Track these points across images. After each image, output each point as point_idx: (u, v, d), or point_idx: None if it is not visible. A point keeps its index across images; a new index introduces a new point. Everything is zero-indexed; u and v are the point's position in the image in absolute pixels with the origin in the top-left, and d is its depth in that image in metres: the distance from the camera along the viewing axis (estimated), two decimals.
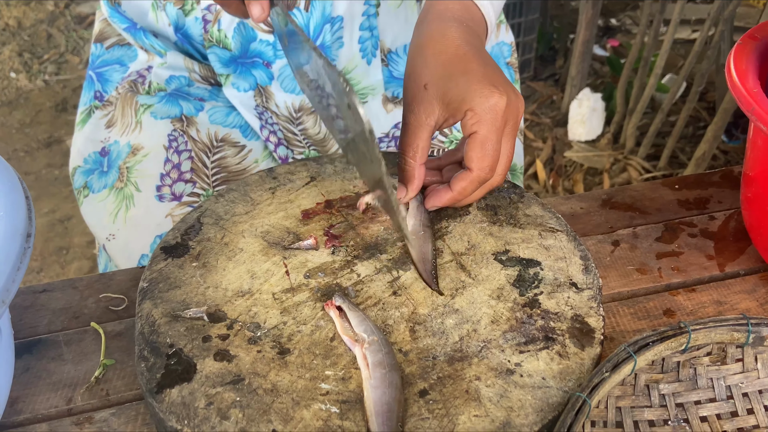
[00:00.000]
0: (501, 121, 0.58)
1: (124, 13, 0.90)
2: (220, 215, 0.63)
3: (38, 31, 2.79)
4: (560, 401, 0.47)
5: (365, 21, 0.84)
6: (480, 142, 0.58)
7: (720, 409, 0.52)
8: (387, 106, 0.88)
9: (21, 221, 0.49)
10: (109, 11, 0.91)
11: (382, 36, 0.87)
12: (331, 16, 0.83)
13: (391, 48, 0.88)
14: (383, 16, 0.85)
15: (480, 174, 0.59)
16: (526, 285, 0.56)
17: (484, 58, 0.62)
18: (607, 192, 0.77)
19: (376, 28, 0.85)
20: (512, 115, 0.60)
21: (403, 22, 0.87)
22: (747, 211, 0.68)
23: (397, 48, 0.88)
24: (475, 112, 0.58)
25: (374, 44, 0.86)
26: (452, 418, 0.46)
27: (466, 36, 0.63)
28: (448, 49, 0.61)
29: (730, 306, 0.63)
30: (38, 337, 0.62)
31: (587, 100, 2.09)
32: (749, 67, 0.63)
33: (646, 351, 0.49)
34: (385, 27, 0.86)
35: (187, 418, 0.46)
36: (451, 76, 0.59)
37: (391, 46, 0.88)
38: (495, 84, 0.59)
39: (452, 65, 0.60)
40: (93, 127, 0.91)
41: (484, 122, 0.58)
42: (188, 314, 0.53)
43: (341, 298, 0.54)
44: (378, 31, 0.86)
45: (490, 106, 0.58)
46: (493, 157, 0.59)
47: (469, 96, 0.58)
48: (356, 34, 0.84)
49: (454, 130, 0.88)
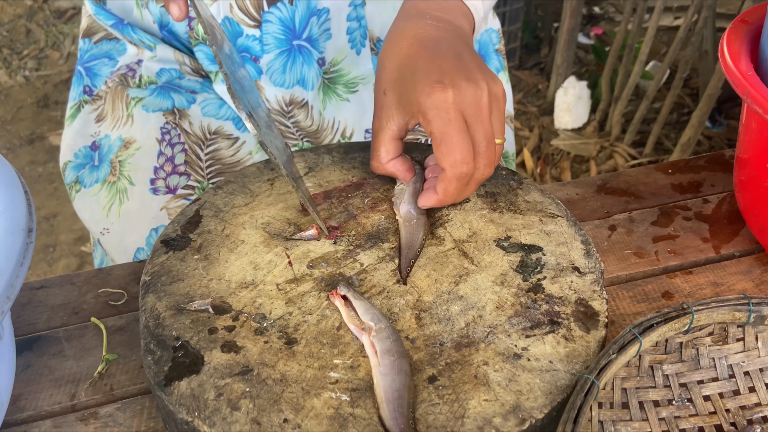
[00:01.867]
0: (453, 113, 0.56)
1: (109, 10, 0.89)
2: (219, 207, 0.63)
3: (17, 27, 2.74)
4: (568, 384, 0.47)
5: (352, 11, 0.84)
6: (438, 140, 0.56)
7: (722, 388, 0.53)
8: None
9: (22, 217, 0.48)
10: (94, 9, 0.90)
11: (370, 25, 0.86)
12: (317, 9, 0.82)
13: (380, 37, 0.88)
14: (370, 6, 0.85)
15: (453, 171, 0.57)
16: (529, 270, 0.56)
17: (437, 50, 0.60)
18: (602, 178, 0.78)
19: (364, 17, 0.85)
20: (469, 102, 0.57)
21: (391, 11, 0.86)
22: (740, 194, 0.69)
23: None
24: (422, 112, 0.57)
25: (363, 34, 0.86)
26: (462, 403, 0.46)
27: (423, 30, 0.62)
28: (401, 51, 0.61)
29: (727, 287, 0.64)
30: (38, 333, 0.61)
31: (573, 88, 2.10)
32: (742, 51, 0.63)
33: (650, 332, 0.49)
34: (373, 16, 0.86)
35: (197, 410, 0.46)
36: (403, 79, 0.59)
37: (380, 35, 0.88)
38: (440, 78, 0.57)
39: (403, 67, 0.60)
40: (83, 122, 0.90)
41: (433, 121, 0.56)
42: (193, 307, 0.53)
43: (346, 287, 0.54)
44: (366, 21, 0.85)
45: (433, 103, 0.56)
46: (460, 150, 0.56)
47: (416, 97, 0.57)
48: (344, 24, 0.84)
49: None
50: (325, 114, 0.87)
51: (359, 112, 0.87)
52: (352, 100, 0.87)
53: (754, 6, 0.70)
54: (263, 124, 0.59)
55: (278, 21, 0.81)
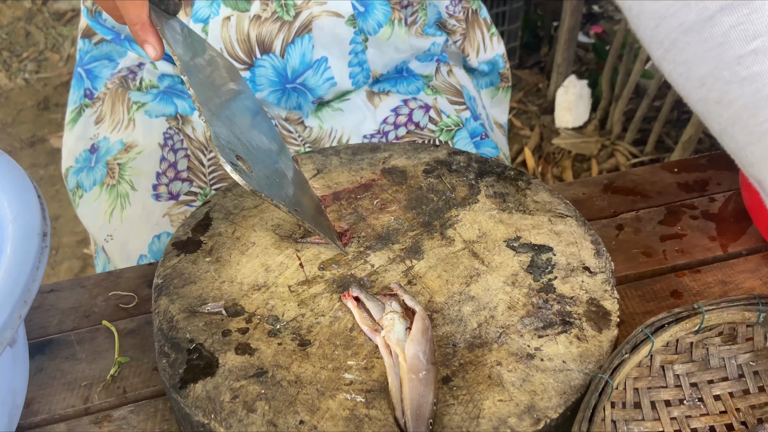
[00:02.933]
0: None
1: (104, 23, 0.89)
2: (229, 210, 0.63)
3: (16, 29, 2.74)
4: (582, 383, 0.47)
5: (353, 58, 0.83)
6: None
7: (732, 388, 0.53)
8: (373, 100, 0.86)
9: (36, 221, 0.48)
10: (90, 23, 0.89)
11: (372, 66, 0.85)
12: (312, 62, 0.81)
13: (382, 72, 0.87)
14: (372, 49, 0.84)
15: None
16: (540, 270, 0.56)
17: None
18: (608, 177, 0.78)
19: (366, 61, 0.84)
20: None
21: (393, 51, 0.85)
22: (747, 192, 0.70)
23: (389, 71, 0.87)
24: None
25: (365, 75, 0.84)
26: (477, 404, 0.46)
27: None
28: None
29: (735, 286, 0.64)
30: (49, 337, 0.61)
31: (573, 87, 2.10)
32: None
33: (662, 332, 0.50)
34: (375, 59, 0.85)
35: (213, 412, 0.46)
36: None
37: (382, 71, 0.86)
38: None
39: None
40: (83, 126, 0.90)
41: None
42: (206, 309, 0.53)
43: (358, 289, 0.54)
44: (368, 63, 0.84)
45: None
46: None
47: None
48: (346, 71, 0.83)
49: (444, 116, 0.87)
50: (324, 126, 0.87)
51: (355, 119, 0.86)
52: (346, 109, 0.86)
53: None
54: None
55: (271, 67, 0.80)
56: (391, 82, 0.88)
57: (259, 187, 0.54)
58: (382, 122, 0.85)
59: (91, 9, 0.89)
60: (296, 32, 0.79)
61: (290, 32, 0.79)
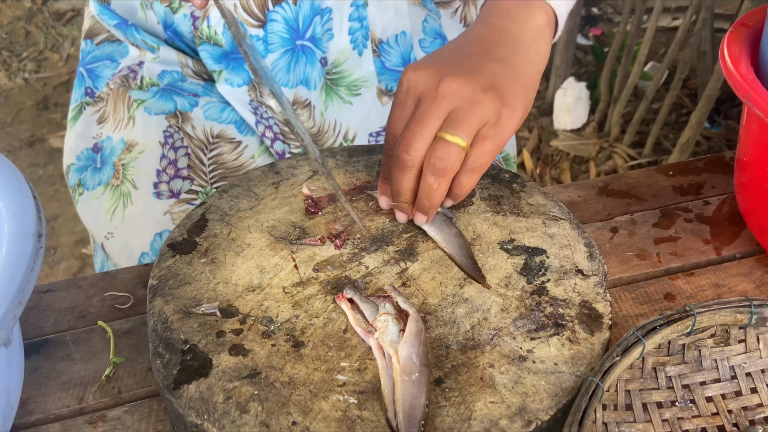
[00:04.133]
0: (403, 96, 0.57)
1: (113, 10, 0.90)
2: (225, 211, 0.63)
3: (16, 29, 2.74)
4: (573, 386, 0.48)
5: (354, 12, 0.85)
6: None
7: (724, 389, 0.53)
8: (382, 99, 0.89)
9: (31, 222, 0.49)
10: (98, 8, 0.90)
11: (372, 26, 0.87)
12: (320, 8, 0.83)
13: (382, 38, 0.89)
14: (372, 7, 0.86)
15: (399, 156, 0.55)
16: (533, 273, 0.57)
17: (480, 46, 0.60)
18: (603, 180, 0.78)
19: (366, 18, 0.86)
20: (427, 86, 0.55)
21: (393, 12, 0.87)
22: (741, 196, 0.70)
23: (388, 38, 0.89)
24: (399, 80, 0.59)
25: (365, 35, 0.86)
26: (469, 405, 0.46)
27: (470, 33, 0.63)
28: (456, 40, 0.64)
29: (728, 288, 0.64)
30: (45, 337, 0.61)
31: (572, 89, 2.10)
32: (742, 54, 0.64)
33: (653, 335, 0.50)
34: (375, 17, 0.87)
35: (206, 413, 0.46)
36: None
37: (381, 36, 0.88)
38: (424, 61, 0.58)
39: None
40: (85, 124, 0.91)
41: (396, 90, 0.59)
42: (200, 310, 0.54)
43: (352, 291, 0.54)
44: (368, 21, 0.86)
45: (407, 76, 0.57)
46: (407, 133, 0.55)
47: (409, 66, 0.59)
48: (346, 25, 0.85)
49: None
50: (326, 115, 0.88)
51: (362, 115, 0.88)
52: (355, 103, 0.88)
53: (753, 9, 0.70)
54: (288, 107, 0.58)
55: (282, 20, 0.82)
56: None
57: None
58: None
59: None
60: None
61: None
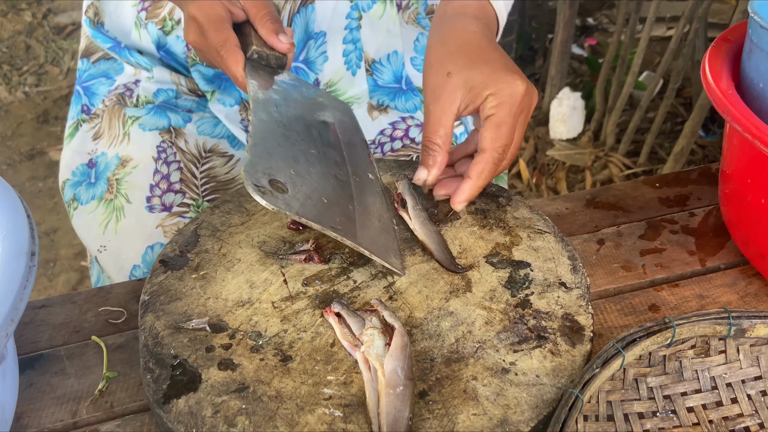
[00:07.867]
0: (518, 108, 0.62)
1: (107, 33, 0.91)
2: (216, 227, 0.65)
3: (17, 43, 2.77)
4: (554, 397, 0.49)
5: (348, 34, 0.86)
6: (496, 123, 0.62)
7: (705, 400, 0.54)
8: (372, 113, 0.90)
9: (24, 240, 0.50)
10: (92, 32, 0.92)
11: (365, 47, 0.89)
12: (314, 32, 0.85)
13: (375, 58, 0.90)
14: (365, 29, 0.88)
15: (494, 155, 0.62)
16: (518, 286, 0.58)
17: (501, 52, 0.67)
18: (591, 192, 0.79)
19: (359, 40, 0.87)
20: (527, 103, 0.64)
21: (385, 33, 0.89)
22: (725, 207, 0.71)
23: (380, 58, 0.90)
24: (496, 96, 0.62)
25: (358, 56, 0.88)
26: (452, 418, 0.47)
27: (484, 31, 0.68)
28: (471, 41, 0.66)
29: (712, 299, 0.65)
30: (40, 352, 0.62)
31: (567, 99, 2.12)
32: (723, 69, 0.65)
33: (633, 346, 0.51)
34: (368, 39, 0.88)
35: (195, 427, 0.47)
36: (474, 64, 0.64)
37: (374, 56, 0.90)
38: (516, 72, 0.63)
39: (475, 55, 0.65)
40: (80, 140, 0.92)
41: (502, 106, 0.62)
42: (190, 325, 0.55)
43: (340, 305, 0.55)
44: (361, 43, 0.88)
45: (510, 91, 0.62)
46: (507, 139, 0.62)
47: (492, 82, 0.62)
48: (340, 47, 0.87)
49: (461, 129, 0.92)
50: None
51: None
52: None
53: (736, 24, 0.72)
54: None
55: None
56: (390, 96, 0.91)
57: (287, 206, 0.53)
58: (378, 133, 0.89)
59: (93, 19, 0.92)
60: (301, 2, 0.83)
61: (296, 2, 0.83)
